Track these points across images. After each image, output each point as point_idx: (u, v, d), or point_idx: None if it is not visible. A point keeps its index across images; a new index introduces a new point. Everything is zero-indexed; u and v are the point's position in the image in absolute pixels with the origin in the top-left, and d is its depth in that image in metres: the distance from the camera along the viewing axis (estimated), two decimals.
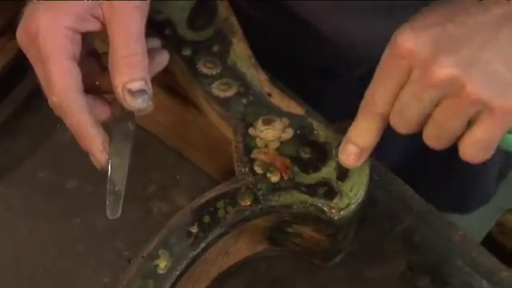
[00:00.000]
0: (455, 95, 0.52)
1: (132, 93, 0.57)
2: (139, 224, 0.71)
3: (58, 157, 0.75)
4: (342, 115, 0.62)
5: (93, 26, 0.58)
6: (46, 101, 0.59)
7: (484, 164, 0.57)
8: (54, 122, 0.75)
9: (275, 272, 0.69)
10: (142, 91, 0.57)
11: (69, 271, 0.70)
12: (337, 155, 0.61)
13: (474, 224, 1.06)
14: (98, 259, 0.70)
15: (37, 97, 0.76)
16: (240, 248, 0.67)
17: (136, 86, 0.56)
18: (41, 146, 0.75)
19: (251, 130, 0.63)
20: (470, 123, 0.54)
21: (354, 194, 0.60)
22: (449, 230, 0.70)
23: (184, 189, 0.73)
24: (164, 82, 0.72)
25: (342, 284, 0.69)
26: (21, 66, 0.75)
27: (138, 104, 0.57)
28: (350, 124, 0.60)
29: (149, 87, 0.57)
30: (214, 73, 0.66)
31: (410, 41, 0.53)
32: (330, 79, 0.84)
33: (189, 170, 0.73)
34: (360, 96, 0.59)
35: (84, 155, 0.60)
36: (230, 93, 0.65)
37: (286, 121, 0.64)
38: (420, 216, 0.71)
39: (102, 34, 0.59)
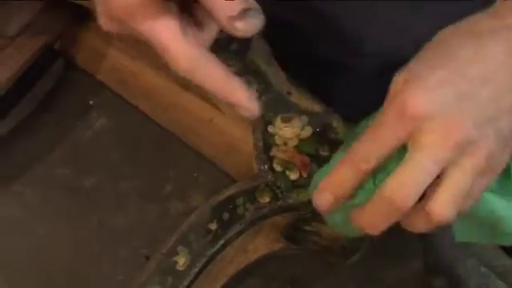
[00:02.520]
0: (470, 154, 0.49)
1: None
2: (156, 223, 0.71)
3: (76, 155, 0.75)
4: (353, 108, 0.61)
5: None
6: (64, 99, 0.59)
7: None
8: (72, 120, 0.76)
9: (292, 271, 0.69)
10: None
11: (85, 270, 0.70)
12: None
13: None
14: (114, 258, 0.70)
15: (56, 95, 0.77)
16: (258, 246, 0.67)
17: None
18: (59, 143, 0.75)
19: (270, 128, 0.64)
20: None
21: None
22: None
23: (201, 187, 0.73)
24: (183, 80, 0.72)
25: (359, 283, 0.69)
26: (40, 64, 0.75)
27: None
28: None
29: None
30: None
31: (423, 104, 0.48)
32: (340, 72, 0.83)
33: (207, 168, 0.73)
34: (371, 90, 0.56)
35: (102, 153, 0.60)
36: None
37: (304, 119, 0.64)
38: None
39: None
